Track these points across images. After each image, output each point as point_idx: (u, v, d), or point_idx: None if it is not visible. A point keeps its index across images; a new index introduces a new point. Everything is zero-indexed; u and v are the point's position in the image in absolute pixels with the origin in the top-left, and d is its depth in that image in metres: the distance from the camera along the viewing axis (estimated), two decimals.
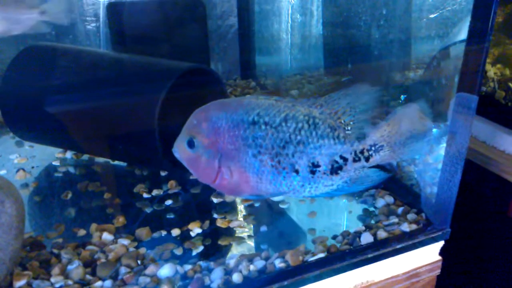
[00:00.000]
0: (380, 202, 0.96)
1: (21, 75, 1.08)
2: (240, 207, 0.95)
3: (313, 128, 0.72)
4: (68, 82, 1.05)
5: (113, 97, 1.00)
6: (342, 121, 0.73)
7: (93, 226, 0.86)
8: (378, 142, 0.72)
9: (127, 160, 1.08)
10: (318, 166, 0.73)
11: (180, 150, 0.74)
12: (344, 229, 0.89)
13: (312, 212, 0.93)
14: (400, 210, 0.94)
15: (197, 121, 0.73)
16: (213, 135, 0.73)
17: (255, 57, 1.66)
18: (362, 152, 0.73)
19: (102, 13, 1.61)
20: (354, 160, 0.73)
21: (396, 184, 1.01)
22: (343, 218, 0.95)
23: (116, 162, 1.14)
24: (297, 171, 0.73)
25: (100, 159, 1.15)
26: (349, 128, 0.72)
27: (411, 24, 1.38)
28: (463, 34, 1.12)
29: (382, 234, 0.87)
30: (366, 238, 0.86)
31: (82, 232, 0.86)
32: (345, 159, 0.73)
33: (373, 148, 0.73)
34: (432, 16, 1.54)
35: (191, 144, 0.73)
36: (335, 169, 0.73)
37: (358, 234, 0.87)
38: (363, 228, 0.89)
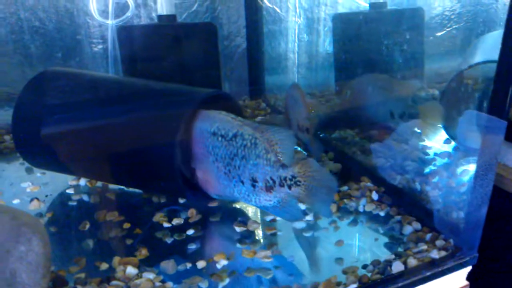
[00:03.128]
0: (408, 229, 0.94)
1: (35, 101, 1.06)
2: (263, 236, 0.93)
3: (253, 147, 0.84)
4: (83, 108, 1.03)
5: (132, 125, 0.98)
6: (276, 149, 0.84)
7: (116, 259, 0.83)
8: (297, 176, 0.83)
9: (145, 188, 1.06)
10: (256, 181, 0.84)
11: None
12: (374, 258, 0.87)
13: (339, 240, 0.91)
14: (428, 236, 0.92)
15: None
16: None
17: (264, 77, 1.65)
18: (285, 179, 0.83)
19: (110, 35, 1.60)
20: (280, 185, 0.83)
21: (423, 209, 0.99)
22: (370, 246, 0.92)
23: (131, 189, 1.11)
24: (242, 182, 0.85)
25: (114, 186, 1.12)
26: (280, 155, 0.83)
27: (424, 42, 1.39)
28: (480, 56, 1.13)
29: (412, 261, 0.85)
30: (397, 267, 0.84)
31: (104, 265, 0.83)
32: (274, 181, 0.84)
33: (293, 180, 0.82)
34: (439, 34, 1.55)
35: None
36: (268, 188, 0.84)
37: (388, 262, 0.85)
38: (393, 256, 0.87)
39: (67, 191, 1.11)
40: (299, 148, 1.24)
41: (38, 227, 0.65)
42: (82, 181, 1.13)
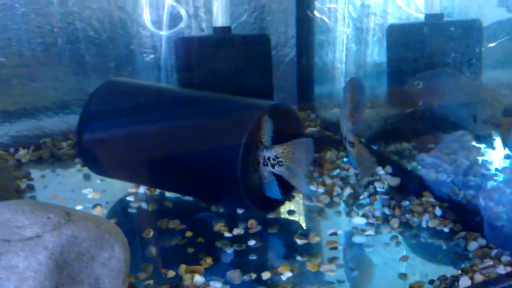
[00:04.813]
0: (473, 245, 0.92)
1: (100, 110, 1.09)
2: (325, 249, 0.92)
3: None
4: (147, 118, 1.05)
5: (195, 135, 1.00)
6: (262, 137, 0.97)
7: (183, 267, 0.84)
8: (280, 156, 0.97)
9: (205, 197, 1.07)
10: (248, 160, 0.98)
11: None
12: (439, 274, 0.85)
13: (403, 256, 0.90)
14: (493, 252, 0.90)
15: None
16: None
17: (314, 88, 1.65)
18: (269, 159, 0.98)
19: (164, 45, 1.64)
20: (264, 164, 0.98)
21: (487, 225, 0.97)
22: (435, 261, 0.91)
23: (188, 198, 1.13)
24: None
25: (171, 195, 1.14)
26: (264, 140, 0.98)
27: (482, 54, 1.36)
28: None
29: (479, 277, 0.83)
30: (464, 282, 0.82)
31: (171, 273, 0.84)
32: (258, 161, 0.99)
33: (276, 160, 0.97)
34: (491, 45, 1.51)
35: None
36: (255, 166, 0.99)
37: (455, 278, 0.83)
38: (459, 272, 0.85)
39: (127, 198, 1.13)
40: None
41: (119, 235, 0.67)
42: (142, 189, 1.16)
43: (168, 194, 1.15)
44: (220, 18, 1.32)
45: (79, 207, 1.09)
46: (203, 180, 0.99)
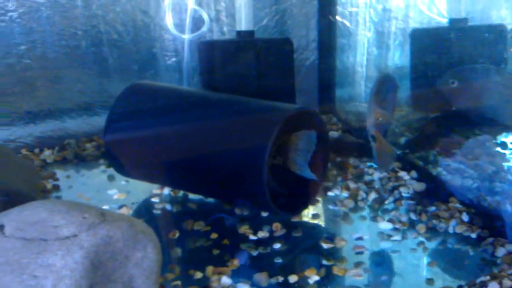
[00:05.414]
0: (501, 251, 0.90)
1: (127, 112, 1.10)
2: (350, 254, 0.92)
3: None
4: (172, 120, 1.06)
5: (220, 137, 1.00)
6: None
7: (210, 268, 0.85)
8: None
9: (230, 199, 1.08)
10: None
11: None
12: (466, 279, 0.84)
13: (430, 261, 0.89)
14: None
15: None
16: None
17: (335, 91, 1.65)
18: None
19: (186, 49, 1.65)
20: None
21: None
22: (462, 267, 0.90)
23: (211, 200, 1.13)
24: None
25: (195, 196, 1.15)
26: None
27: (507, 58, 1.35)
28: None
29: (507, 283, 0.82)
30: None
31: (198, 274, 0.84)
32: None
33: None
34: None
35: None
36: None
37: (484, 284, 0.82)
38: (488, 277, 0.84)
39: (152, 199, 1.14)
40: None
41: (152, 235, 0.68)
42: (166, 190, 1.17)
43: (191, 195, 1.16)
44: (243, 22, 1.33)
45: (105, 207, 1.10)
46: (229, 183, 1.00)
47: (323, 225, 1.04)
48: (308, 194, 1.05)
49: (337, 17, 1.73)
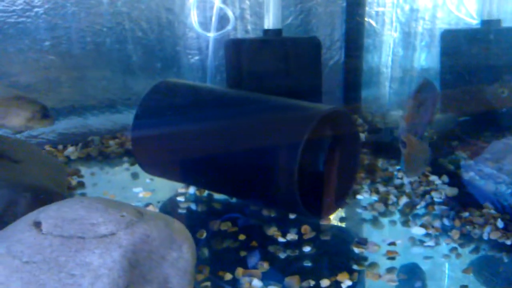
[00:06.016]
0: None
1: (154, 110, 1.09)
2: (383, 259, 0.90)
3: None
4: (199, 119, 1.05)
5: (249, 137, 0.99)
6: None
7: (240, 270, 0.83)
8: None
9: (258, 201, 1.06)
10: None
11: None
12: (502, 286, 0.82)
13: (466, 268, 0.86)
14: None
15: None
16: None
17: (361, 92, 1.63)
18: None
19: (211, 47, 1.64)
20: None
21: None
22: (497, 274, 0.87)
23: (235, 200, 1.12)
24: None
25: (220, 196, 1.14)
26: None
27: None
28: None
29: None
30: None
31: (228, 276, 0.83)
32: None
33: None
34: None
35: None
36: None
37: None
38: None
39: (177, 198, 1.13)
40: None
41: (187, 235, 0.67)
42: (191, 189, 1.16)
43: (216, 195, 1.14)
44: (271, 21, 1.31)
45: None
46: (258, 183, 0.98)
47: (352, 229, 1.02)
48: (338, 197, 1.03)
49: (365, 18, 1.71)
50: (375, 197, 1.11)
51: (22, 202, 0.86)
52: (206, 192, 1.16)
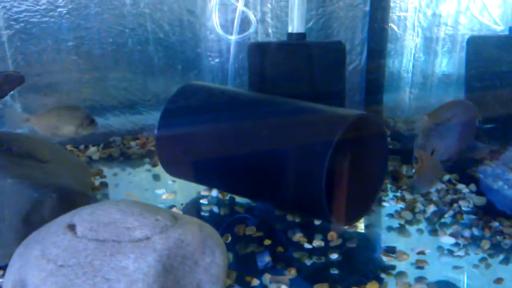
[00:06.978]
0: None
1: (179, 113, 1.09)
2: (412, 268, 0.88)
3: None
4: (224, 122, 1.05)
5: (276, 141, 0.98)
6: None
7: (267, 276, 0.82)
8: None
9: (284, 206, 1.05)
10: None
11: None
12: None
13: (498, 278, 0.84)
14: None
15: None
16: None
17: (383, 98, 1.61)
18: None
19: (232, 50, 1.63)
20: None
21: None
22: None
23: (258, 204, 1.11)
24: None
25: (243, 200, 1.13)
26: None
27: None
28: None
29: None
30: None
31: (255, 281, 0.82)
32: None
33: None
34: None
35: None
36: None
37: None
38: None
39: (200, 201, 1.13)
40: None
41: (219, 240, 0.66)
42: (214, 192, 1.15)
43: (238, 198, 1.14)
44: (295, 24, 1.30)
45: None
46: (284, 188, 0.97)
47: (379, 237, 1.01)
48: (364, 204, 1.02)
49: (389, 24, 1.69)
50: (401, 205, 1.09)
51: (49, 203, 0.86)
52: (228, 195, 1.15)
